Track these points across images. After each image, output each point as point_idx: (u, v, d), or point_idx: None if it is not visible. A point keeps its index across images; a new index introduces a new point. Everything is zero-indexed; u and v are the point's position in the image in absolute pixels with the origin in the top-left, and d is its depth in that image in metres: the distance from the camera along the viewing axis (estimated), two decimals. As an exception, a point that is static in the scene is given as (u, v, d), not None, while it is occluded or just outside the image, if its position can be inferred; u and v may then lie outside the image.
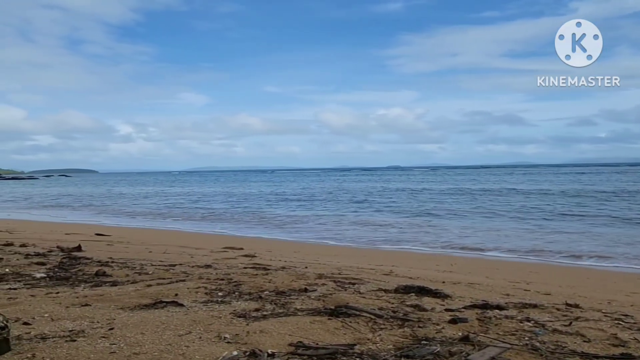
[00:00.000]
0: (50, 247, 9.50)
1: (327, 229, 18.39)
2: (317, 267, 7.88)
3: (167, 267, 7.16)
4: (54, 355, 2.93)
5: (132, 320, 3.79)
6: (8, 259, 7.63)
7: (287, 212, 25.58)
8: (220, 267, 7.33)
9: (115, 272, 6.54)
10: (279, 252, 11.06)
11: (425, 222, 20.01)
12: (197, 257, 9.02)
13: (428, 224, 19.27)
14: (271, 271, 6.79)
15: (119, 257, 8.36)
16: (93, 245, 10.58)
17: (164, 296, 4.72)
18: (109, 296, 4.81)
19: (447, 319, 3.98)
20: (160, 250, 9.95)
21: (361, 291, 5.27)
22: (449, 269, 9.21)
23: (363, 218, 21.97)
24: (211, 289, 5.16)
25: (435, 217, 21.39)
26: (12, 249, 9.06)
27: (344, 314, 3.96)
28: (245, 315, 3.98)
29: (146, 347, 3.13)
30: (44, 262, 7.39)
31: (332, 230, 17.78)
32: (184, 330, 3.50)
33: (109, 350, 3.05)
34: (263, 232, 17.30)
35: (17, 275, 6.30)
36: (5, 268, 6.78)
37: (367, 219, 21.68)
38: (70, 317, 3.92)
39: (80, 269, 6.82)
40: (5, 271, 6.53)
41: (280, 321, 3.77)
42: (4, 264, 7.17)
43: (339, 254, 11.42)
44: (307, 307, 4.33)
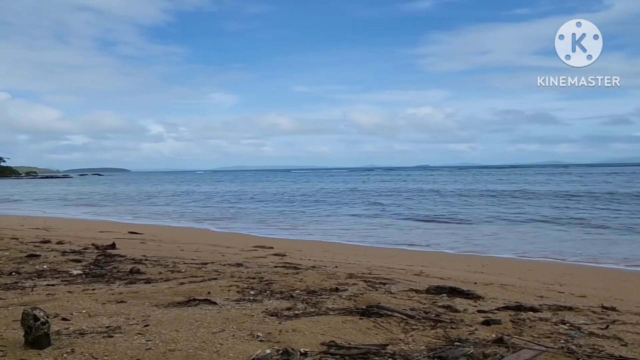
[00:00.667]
0: (86, 245, 9.70)
1: (355, 228, 18.36)
2: (347, 267, 7.88)
3: (199, 265, 7.25)
4: (92, 351, 3.00)
5: (167, 317, 3.85)
6: (46, 255, 7.83)
7: (315, 212, 25.62)
8: (251, 265, 7.40)
9: (149, 269, 6.65)
10: (308, 251, 11.08)
11: (454, 221, 19.82)
12: (228, 255, 9.11)
13: (457, 224, 19.09)
14: (302, 270, 6.82)
15: (152, 255, 8.50)
16: (126, 243, 10.77)
17: (197, 294, 4.79)
18: (144, 293, 4.90)
19: (479, 321, 3.94)
20: (192, 249, 10.08)
21: (392, 291, 5.26)
22: (480, 270, 9.11)
23: (391, 218, 21.87)
24: (243, 288, 5.21)
25: (465, 217, 21.13)
26: (50, 246, 9.30)
27: (376, 314, 3.96)
28: (277, 314, 4.00)
29: (181, 344, 3.18)
30: (80, 260, 7.56)
31: (359, 230, 17.74)
32: (218, 328, 3.54)
33: (145, 346, 3.11)
34: (291, 232, 17.35)
35: (54, 271, 6.47)
36: (43, 264, 6.97)
37: (395, 219, 21.57)
38: (106, 314, 4.00)
39: (114, 266, 6.96)
40: (44, 268, 6.71)
41: (312, 320, 3.78)
42: (42, 260, 7.36)
43: (368, 254, 11.38)
44: (339, 306, 4.34)
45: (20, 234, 11.76)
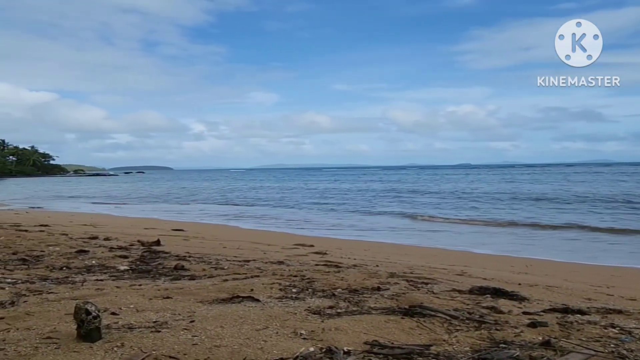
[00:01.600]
0: (132, 241, 9.95)
1: (396, 228, 18.28)
2: (388, 266, 7.85)
3: (241, 262, 7.35)
4: (141, 345, 3.08)
5: (212, 313, 3.91)
6: (94, 251, 8.07)
7: (355, 210, 25.60)
8: (293, 263, 7.45)
9: (193, 266, 6.78)
10: (349, 250, 11.08)
11: (494, 222, 19.50)
12: (270, 253, 9.20)
13: (497, 225, 18.78)
14: (343, 269, 6.83)
15: (195, 252, 8.65)
16: (170, 240, 10.99)
17: (240, 291, 4.85)
18: (188, 290, 5.00)
19: (525, 323, 3.87)
20: (234, 246, 10.22)
21: (434, 291, 5.21)
22: (524, 271, 8.93)
23: (429, 218, 21.67)
24: (285, 285, 5.25)
25: (506, 219, 20.76)
26: (97, 242, 9.57)
27: (419, 314, 3.93)
28: (319, 312, 4.02)
29: (226, 340, 3.23)
30: (127, 256, 7.75)
31: (400, 230, 17.65)
32: (261, 325, 3.59)
33: (191, 342, 3.17)
34: (331, 230, 17.38)
35: (102, 267, 6.66)
36: (92, 260, 7.18)
37: (433, 219, 21.37)
38: (153, 309, 4.10)
39: (160, 262, 7.12)
40: (92, 263, 6.92)
41: (354, 319, 3.79)
42: (91, 256, 7.59)
43: (409, 253, 11.31)
44: (381, 305, 4.34)
45: (70, 230, 12.15)
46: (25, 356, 2.86)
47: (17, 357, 2.85)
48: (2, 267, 6.39)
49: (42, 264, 6.77)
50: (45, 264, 6.77)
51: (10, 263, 6.80)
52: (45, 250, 8.12)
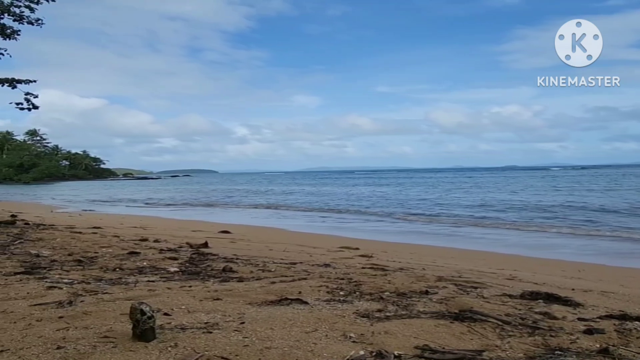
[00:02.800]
0: (180, 243, 10.15)
1: (440, 231, 18.05)
2: (435, 270, 7.76)
3: (288, 265, 7.39)
4: (193, 345, 3.14)
5: (261, 315, 3.95)
6: (145, 253, 8.27)
7: (395, 213, 25.41)
8: (339, 266, 7.45)
9: (241, 268, 6.86)
10: (394, 252, 11.02)
11: (545, 225, 19.02)
12: (316, 256, 9.23)
13: (547, 228, 18.31)
14: (389, 272, 6.79)
15: (243, 254, 8.76)
16: (217, 242, 11.17)
17: (288, 293, 4.88)
18: (237, 291, 5.06)
19: (581, 329, 3.76)
20: (280, 249, 10.30)
21: (484, 295, 5.12)
22: (576, 276, 8.68)
23: (479, 220, 21.30)
24: (332, 288, 5.26)
25: (558, 221, 20.22)
26: (147, 244, 9.81)
27: (469, 319, 3.87)
28: (368, 315, 4.01)
29: (276, 342, 3.25)
30: (176, 257, 7.92)
31: (445, 232, 17.42)
32: (310, 328, 3.60)
33: (242, 343, 3.21)
34: (376, 233, 17.31)
35: (153, 268, 6.82)
36: (143, 261, 7.36)
37: (483, 221, 21.00)
38: (204, 310, 4.17)
39: (208, 264, 7.24)
40: (144, 264, 7.09)
41: (404, 323, 3.76)
42: (142, 257, 7.78)
43: (456, 257, 11.15)
44: (430, 309, 4.29)
45: (121, 232, 12.49)
46: (85, 354, 2.96)
47: (76, 355, 2.95)
48: (59, 268, 6.62)
49: (96, 265, 6.99)
50: (99, 265, 6.98)
51: (67, 264, 7.04)
52: (99, 251, 8.37)
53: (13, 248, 8.51)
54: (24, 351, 3.02)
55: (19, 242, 9.34)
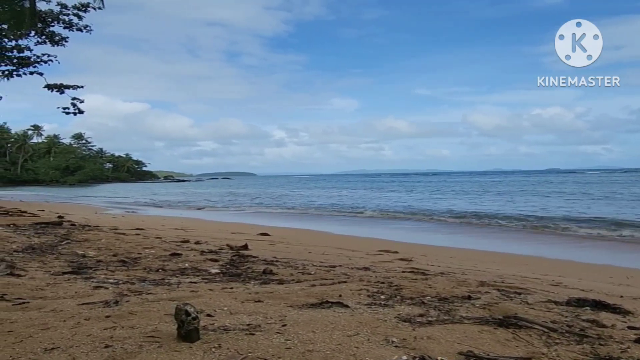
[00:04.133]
0: (220, 245, 10.28)
1: (482, 234, 17.77)
2: (477, 274, 7.64)
3: (327, 268, 7.40)
4: (237, 347, 3.17)
5: (302, 318, 3.96)
6: (186, 254, 8.40)
7: (434, 216, 25.14)
8: (379, 270, 7.41)
9: (281, 271, 6.90)
10: (434, 256, 10.89)
11: (595, 229, 18.51)
12: (355, 259, 9.21)
13: (598, 232, 17.82)
14: (430, 276, 6.72)
15: (282, 256, 8.81)
16: (257, 244, 11.26)
17: (329, 296, 4.88)
18: (278, 294, 5.09)
19: (632, 338, 3.64)
20: (319, 252, 10.31)
21: (529, 302, 5.01)
22: (625, 282, 8.41)
23: (522, 223, 20.88)
24: (373, 292, 5.23)
25: (606, 226, 19.63)
26: (189, 246, 9.97)
27: (514, 325, 3.79)
28: (410, 320, 3.97)
29: (318, 345, 3.26)
30: (217, 259, 8.02)
31: (487, 236, 17.14)
32: (352, 332, 3.59)
33: (284, 345, 3.22)
34: (414, 236, 17.16)
35: (195, 270, 6.92)
36: (185, 263, 7.48)
37: (525, 224, 20.57)
38: (246, 312, 4.20)
39: (249, 266, 7.30)
40: (186, 266, 7.21)
41: (446, 328, 3.71)
42: (184, 259, 7.91)
43: (497, 261, 10.95)
44: (473, 315, 4.22)
45: (163, 234, 12.73)
46: (132, 354, 3.02)
47: (124, 354, 3.01)
48: (104, 268, 6.79)
49: (140, 266, 7.14)
50: (143, 266, 7.13)
51: (112, 264, 7.22)
52: (142, 252, 8.55)
53: (61, 248, 8.77)
54: (74, 349, 3.10)
55: (66, 242, 9.62)
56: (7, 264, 6.64)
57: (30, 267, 6.62)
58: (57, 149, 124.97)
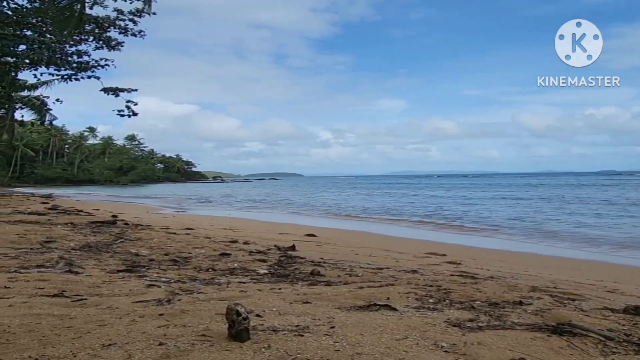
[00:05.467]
0: (268, 246, 10.38)
1: (534, 237, 17.33)
2: (528, 279, 7.47)
3: (374, 270, 7.38)
4: (286, 348, 3.20)
5: (351, 320, 3.97)
6: (235, 254, 8.53)
7: (487, 218, 24.66)
8: (427, 273, 7.34)
9: (328, 272, 6.92)
10: (483, 260, 10.70)
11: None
12: (402, 261, 9.15)
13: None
14: (480, 280, 6.61)
15: (329, 257, 8.84)
16: (304, 245, 11.32)
17: (377, 299, 4.87)
18: (326, 295, 5.11)
19: (695, 349, 3.48)
20: (366, 253, 10.29)
21: (583, 308, 4.86)
22: (686, 290, 8.04)
23: (579, 228, 20.25)
24: (421, 295, 5.19)
25: None
26: (237, 246, 10.11)
27: (568, 333, 3.69)
28: (459, 324, 3.92)
29: (367, 348, 3.26)
30: (265, 259, 8.11)
31: (539, 240, 16.70)
32: (401, 335, 3.57)
33: (333, 347, 3.24)
34: (462, 239, 16.89)
35: (244, 270, 7.02)
36: (234, 263, 7.60)
37: (583, 229, 19.95)
38: (294, 313, 4.24)
39: (296, 267, 7.36)
40: (235, 266, 7.32)
41: (497, 334, 3.65)
42: (233, 259, 8.04)
43: (549, 266, 10.66)
44: (525, 321, 4.13)
45: (212, 234, 12.96)
46: (184, 352, 3.10)
47: (177, 352, 3.09)
48: (157, 267, 6.97)
49: (191, 265, 7.29)
50: (193, 265, 7.29)
51: (163, 263, 7.40)
52: (192, 252, 8.73)
53: (115, 247, 9.05)
54: (130, 346, 3.21)
55: (120, 241, 9.92)
56: (66, 262, 6.91)
57: (87, 265, 6.86)
58: (112, 150, 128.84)
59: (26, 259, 7.10)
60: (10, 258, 7.14)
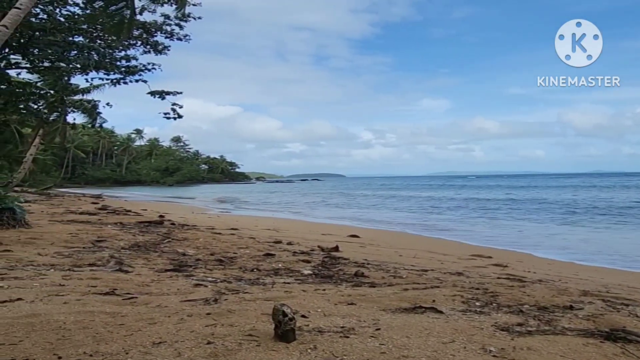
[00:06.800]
0: (312, 246, 10.43)
1: (589, 240, 16.83)
2: (579, 283, 7.26)
3: (419, 272, 7.31)
4: (332, 349, 3.21)
5: (396, 322, 3.95)
6: (279, 255, 8.60)
7: (537, 222, 24.09)
8: (472, 275, 7.23)
9: (372, 273, 6.91)
10: (530, 263, 10.46)
11: None
12: (447, 263, 9.04)
13: None
14: (527, 284, 6.46)
15: (373, 259, 8.81)
16: (347, 246, 11.31)
17: (422, 301, 4.82)
18: (370, 297, 5.10)
19: None
20: (410, 255, 10.21)
21: (638, 314, 4.69)
22: None
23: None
24: (467, 298, 5.12)
25: None
26: (281, 247, 10.19)
27: (623, 339, 3.57)
28: (507, 329, 3.84)
29: (413, 351, 3.23)
30: (309, 260, 8.15)
31: (592, 244, 16.21)
32: (447, 339, 3.53)
33: (379, 350, 3.23)
34: (509, 243, 16.54)
35: (288, 270, 7.07)
36: (278, 263, 7.67)
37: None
38: (339, 314, 4.24)
39: (340, 268, 7.37)
40: (279, 266, 7.38)
41: (547, 339, 3.56)
42: (277, 259, 8.11)
43: (600, 270, 10.34)
44: (576, 326, 4.02)
45: (256, 234, 13.09)
46: (232, 351, 3.14)
47: (225, 351, 3.14)
48: (203, 267, 7.10)
49: (236, 265, 7.40)
50: (239, 265, 7.39)
51: (209, 263, 7.53)
52: (237, 252, 8.85)
53: (162, 246, 9.26)
54: (179, 344, 3.27)
55: (167, 241, 10.14)
56: (116, 261, 7.11)
57: (136, 264, 7.05)
58: (158, 151, 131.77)
59: (79, 258, 7.34)
60: (64, 257, 7.40)
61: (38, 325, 3.66)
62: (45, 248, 8.22)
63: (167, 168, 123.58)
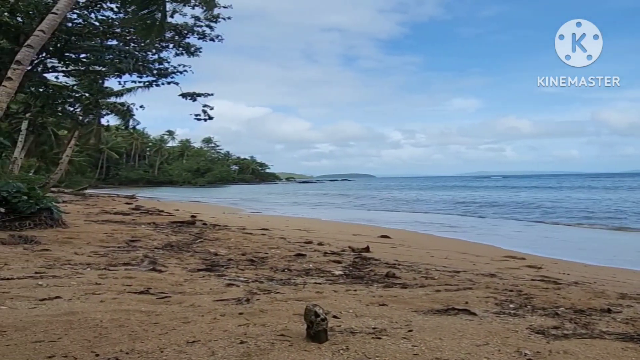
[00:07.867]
0: (342, 247, 10.42)
1: (624, 245, 16.43)
2: (616, 285, 7.10)
3: (451, 273, 7.25)
4: (364, 350, 3.20)
5: (428, 324, 3.92)
6: (310, 255, 8.62)
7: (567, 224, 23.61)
8: (506, 277, 7.13)
9: (403, 274, 6.87)
10: (565, 265, 10.25)
11: None
12: (479, 264, 8.93)
13: None
14: (563, 286, 6.34)
15: (404, 259, 8.76)
16: (378, 247, 11.27)
17: (455, 303, 4.78)
18: (402, 298, 5.07)
19: None
20: (442, 256, 10.12)
21: (679, 318, 4.56)
22: None
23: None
24: (501, 300, 5.05)
25: None
26: (312, 247, 10.22)
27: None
28: (543, 332, 3.78)
29: (446, 353, 3.20)
30: (340, 261, 8.15)
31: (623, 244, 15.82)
32: (481, 341, 3.48)
33: (412, 351, 3.21)
34: (542, 246, 16.25)
35: (319, 271, 7.09)
36: (309, 264, 7.69)
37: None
38: (371, 315, 4.23)
39: (371, 269, 7.35)
40: (310, 267, 7.40)
41: (584, 343, 3.49)
42: (308, 259, 8.13)
43: (639, 273, 10.07)
44: (615, 330, 3.92)
45: (287, 234, 13.14)
46: (265, 351, 3.16)
47: (257, 351, 3.16)
48: (235, 267, 7.17)
49: (267, 265, 7.44)
50: (270, 265, 7.43)
51: (241, 263, 7.59)
52: (268, 252, 8.90)
53: (195, 246, 9.37)
54: (212, 343, 3.31)
55: (199, 241, 10.26)
56: (150, 260, 7.23)
57: (170, 264, 7.15)
58: (189, 152, 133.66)
59: (114, 257, 7.49)
60: (99, 256, 7.55)
61: (76, 323, 3.75)
62: (82, 247, 8.40)
63: (198, 169, 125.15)
